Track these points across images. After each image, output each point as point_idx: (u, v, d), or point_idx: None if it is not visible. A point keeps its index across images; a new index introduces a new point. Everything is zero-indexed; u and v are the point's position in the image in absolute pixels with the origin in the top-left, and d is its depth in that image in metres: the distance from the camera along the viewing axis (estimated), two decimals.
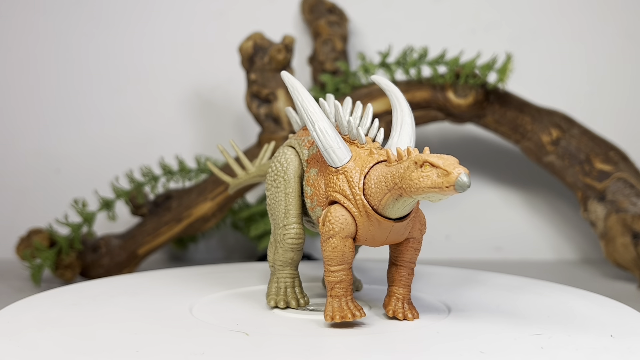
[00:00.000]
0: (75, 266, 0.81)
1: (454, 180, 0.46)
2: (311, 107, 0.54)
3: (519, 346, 0.48)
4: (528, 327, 0.52)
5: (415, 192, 0.48)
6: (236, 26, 0.95)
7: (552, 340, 0.49)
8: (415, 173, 0.48)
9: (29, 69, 0.97)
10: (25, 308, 0.56)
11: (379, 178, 0.50)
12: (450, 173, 0.46)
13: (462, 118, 0.85)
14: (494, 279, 0.67)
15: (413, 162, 0.48)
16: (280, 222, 0.56)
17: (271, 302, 0.57)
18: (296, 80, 0.56)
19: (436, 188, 0.47)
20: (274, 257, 0.57)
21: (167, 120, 0.97)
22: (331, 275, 0.52)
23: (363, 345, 0.48)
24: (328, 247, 0.51)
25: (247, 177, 0.67)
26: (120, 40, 0.97)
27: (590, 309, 0.57)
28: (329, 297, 0.52)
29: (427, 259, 0.92)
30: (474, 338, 0.49)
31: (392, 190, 0.49)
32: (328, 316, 0.51)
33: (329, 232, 0.51)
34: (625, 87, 0.98)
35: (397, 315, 0.53)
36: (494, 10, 0.99)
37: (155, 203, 0.84)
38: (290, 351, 0.47)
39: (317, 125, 0.53)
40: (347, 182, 0.51)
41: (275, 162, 0.58)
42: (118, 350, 0.46)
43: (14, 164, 0.97)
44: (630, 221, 0.80)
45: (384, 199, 0.50)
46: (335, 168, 0.52)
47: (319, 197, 0.54)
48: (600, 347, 0.48)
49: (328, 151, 0.53)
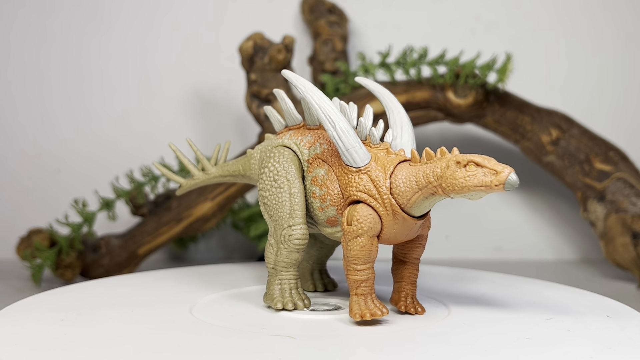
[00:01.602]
0: (76, 266, 0.81)
1: (504, 179, 0.48)
2: (329, 108, 0.54)
3: (519, 346, 0.48)
4: (528, 327, 0.52)
5: (459, 190, 0.49)
6: (236, 26, 0.95)
7: (552, 340, 0.49)
8: (460, 172, 0.49)
9: (29, 69, 0.97)
10: (26, 308, 0.56)
11: (408, 177, 0.51)
12: (500, 172, 0.48)
13: (462, 118, 0.85)
14: (494, 279, 0.67)
15: (455, 162, 0.49)
16: (285, 222, 0.56)
17: (277, 305, 0.56)
18: (305, 80, 0.56)
19: (483, 187, 0.48)
20: (276, 258, 0.56)
21: (167, 120, 0.98)
22: (357, 274, 0.52)
23: (369, 344, 0.48)
24: (355, 246, 0.52)
25: (206, 178, 0.65)
26: (121, 40, 0.97)
27: (590, 309, 0.57)
28: (354, 295, 0.52)
29: (427, 259, 0.92)
30: (473, 338, 0.49)
31: (424, 189, 0.51)
32: (357, 315, 0.52)
33: (357, 231, 0.52)
34: (625, 87, 0.98)
35: (409, 310, 0.55)
36: (494, 10, 0.99)
37: (155, 203, 0.85)
38: (308, 352, 0.47)
39: (337, 126, 0.53)
40: (372, 182, 0.52)
41: (272, 163, 0.57)
42: (118, 350, 0.46)
43: (14, 164, 0.97)
44: (630, 221, 0.80)
45: (413, 197, 0.51)
46: (357, 168, 0.53)
47: (332, 197, 0.54)
48: (600, 347, 0.48)
49: (350, 152, 0.53)
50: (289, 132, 0.59)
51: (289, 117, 0.59)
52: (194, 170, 0.65)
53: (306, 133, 0.58)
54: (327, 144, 0.56)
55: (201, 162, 0.64)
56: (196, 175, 0.65)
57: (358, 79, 0.61)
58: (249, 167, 0.62)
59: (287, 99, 0.59)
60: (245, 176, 0.62)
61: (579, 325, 0.52)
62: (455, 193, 0.49)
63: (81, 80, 0.97)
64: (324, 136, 0.57)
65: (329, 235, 0.56)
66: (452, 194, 0.50)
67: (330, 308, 0.57)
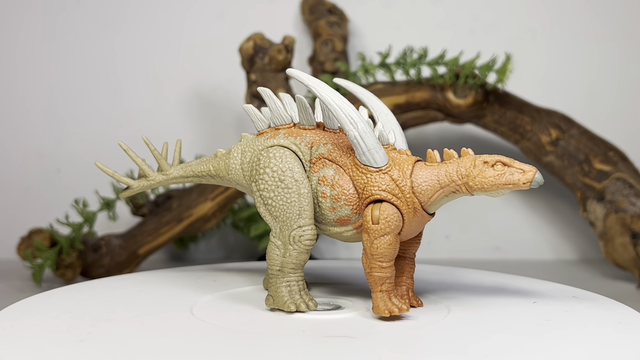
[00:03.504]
0: (76, 266, 0.81)
1: (532, 177, 0.52)
2: (349, 108, 0.54)
3: (519, 346, 0.48)
4: (528, 327, 0.52)
5: (488, 188, 0.52)
6: (236, 26, 0.96)
7: (552, 340, 0.49)
8: (489, 171, 0.52)
9: (29, 69, 0.97)
10: (26, 308, 0.56)
11: (429, 176, 0.54)
12: (527, 171, 0.52)
13: (462, 118, 0.85)
14: (494, 279, 0.67)
15: (482, 161, 0.53)
16: (294, 223, 0.55)
17: (290, 307, 0.55)
18: (318, 80, 0.55)
19: (511, 184, 0.52)
20: (283, 260, 0.55)
21: (168, 120, 0.98)
22: (382, 272, 0.53)
23: (369, 344, 0.49)
24: (383, 244, 0.53)
25: (163, 179, 0.62)
26: (121, 41, 0.98)
27: (590, 309, 0.57)
28: (378, 292, 0.53)
29: (427, 258, 0.93)
30: (473, 338, 0.50)
31: (446, 187, 0.53)
32: (385, 311, 0.53)
33: (385, 229, 0.53)
34: (625, 87, 0.99)
35: (412, 303, 0.57)
36: (494, 10, 0.99)
37: (155, 203, 0.85)
38: (308, 352, 0.47)
39: (359, 126, 0.54)
40: (394, 181, 0.54)
41: (275, 163, 0.56)
42: (118, 350, 0.47)
43: (15, 163, 0.97)
44: (629, 221, 0.80)
45: (434, 195, 0.53)
46: (376, 168, 0.54)
47: (347, 197, 0.54)
48: (600, 347, 0.48)
49: (371, 152, 0.54)
50: (279, 131, 0.58)
51: (277, 116, 0.58)
52: (147, 170, 0.62)
53: (303, 133, 0.57)
54: (331, 144, 0.56)
55: (158, 162, 0.61)
56: (151, 176, 0.62)
57: (338, 80, 0.61)
58: (225, 168, 0.59)
59: (275, 97, 0.58)
60: (217, 177, 0.60)
61: (579, 325, 0.53)
62: (483, 191, 0.53)
63: (82, 80, 0.97)
64: (325, 136, 0.56)
65: (334, 235, 0.56)
66: (479, 192, 0.53)
67: (330, 308, 0.57)
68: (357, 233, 0.55)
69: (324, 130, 0.57)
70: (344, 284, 0.65)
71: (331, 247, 0.97)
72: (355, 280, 0.66)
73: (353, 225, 0.55)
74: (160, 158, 0.62)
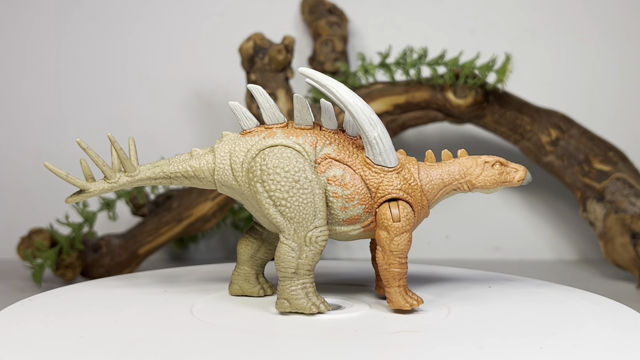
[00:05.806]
0: (76, 266, 0.81)
1: (524, 176, 0.57)
2: (369, 109, 0.56)
3: (519, 346, 0.48)
4: (527, 327, 0.52)
5: (489, 186, 0.57)
6: (236, 26, 0.96)
7: (552, 340, 0.49)
8: (491, 171, 0.57)
9: (29, 69, 0.97)
10: (26, 308, 0.56)
11: (433, 175, 0.57)
12: (520, 170, 0.57)
13: (462, 118, 0.85)
14: (493, 279, 0.67)
15: (483, 161, 0.57)
16: (310, 224, 0.54)
17: (312, 309, 0.54)
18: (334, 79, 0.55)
19: (507, 182, 0.57)
20: (298, 262, 0.54)
21: (168, 120, 0.98)
22: (401, 267, 0.55)
23: (368, 345, 0.49)
24: (403, 241, 0.55)
25: (127, 180, 0.57)
26: (121, 41, 0.98)
27: (589, 309, 0.57)
28: (396, 287, 0.55)
29: (427, 259, 0.93)
30: (473, 338, 0.50)
31: (449, 185, 0.57)
32: (407, 304, 0.55)
33: (405, 226, 0.55)
34: (625, 87, 0.99)
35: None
36: (494, 10, 0.99)
37: (155, 203, 0.85)
38: (309, 352, 0.47)
39: (379, 128, 0.55)
40: (406, 180, 0.56)
41: (286, 163, 0.54)
42: (118, 350, 0.47)
43: (15, 163, 0.97)
44: (629, 221, 0.80)
45: (438, 193, 0.57)
46: (390, 167, 0.56)
47: (361, 197, 0.55)
48: (600, 347, 0.48)
49: (388, 152, 0.56)
50: (274, 131, 0.57)
51: (270, 115, 0.57)
52: (108, 172, 0.58)
53: (302, 133, 0.56)
54: (336, 144, 0.56)
55: (122, 162, 0.57)
56: (112, 178, 0.58)
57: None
58: (208, 169, 0.56)
59: (267, 96, 0.57)
60: (195, 178, 0.57)
61: (578, 326, 0.53)
62: (484, 189, 0.57)
63: (82, 80, 0.97)
64: (326, 136, 0.56)
65: (338, 234, 0.56)
66: (480, 189, 0.57)
67: (331, 308, 0.57)
68: (364, 231, 0.56)
69: (321, 130, 0.57)
70: (344, 284, 0.65)
71: (331, 247, 0.97)
72: (355, 280, 0.66)
73: (362, 224, 0.56)
74: (125, 158, 0.57)
